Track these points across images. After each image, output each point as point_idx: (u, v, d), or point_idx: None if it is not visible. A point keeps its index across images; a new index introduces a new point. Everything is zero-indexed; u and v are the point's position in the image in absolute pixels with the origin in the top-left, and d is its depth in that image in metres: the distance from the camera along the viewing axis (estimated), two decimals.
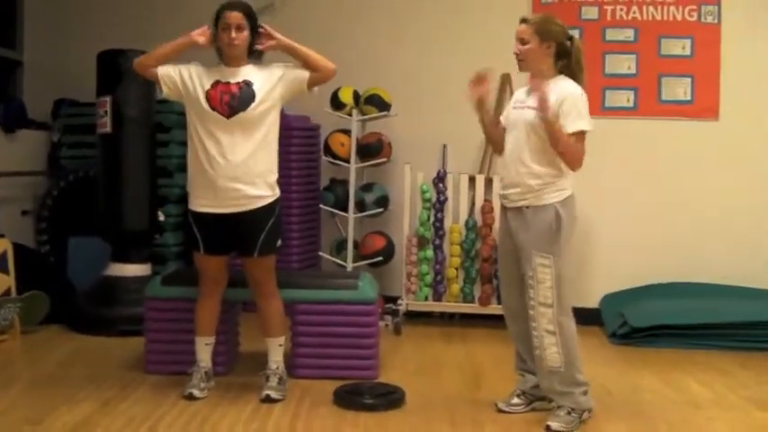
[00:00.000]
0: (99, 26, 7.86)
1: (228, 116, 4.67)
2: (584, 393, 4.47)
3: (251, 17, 4.75)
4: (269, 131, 4.81)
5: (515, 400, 4.76)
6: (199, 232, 4.86)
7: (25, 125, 7.55)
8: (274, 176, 4.87)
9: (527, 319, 4.50)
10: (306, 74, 4.82)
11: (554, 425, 4.39)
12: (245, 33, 4.72)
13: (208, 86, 4.73)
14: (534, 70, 4.49)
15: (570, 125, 4.27)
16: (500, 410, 4.73)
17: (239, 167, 4.67)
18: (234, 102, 4.68)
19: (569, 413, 4.42)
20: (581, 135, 4.32)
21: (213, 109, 4.68)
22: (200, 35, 4.77)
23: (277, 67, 4.85)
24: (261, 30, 4.82)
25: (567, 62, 4.46)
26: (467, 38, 7.41)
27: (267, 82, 4.77)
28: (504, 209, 4.65)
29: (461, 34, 7.42)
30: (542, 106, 4.23)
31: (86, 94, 7.11)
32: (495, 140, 4.94)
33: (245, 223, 4.78)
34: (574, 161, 4.33)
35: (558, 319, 4.37)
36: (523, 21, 4.50)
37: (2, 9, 8.01)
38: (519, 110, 4.53)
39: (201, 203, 4.81)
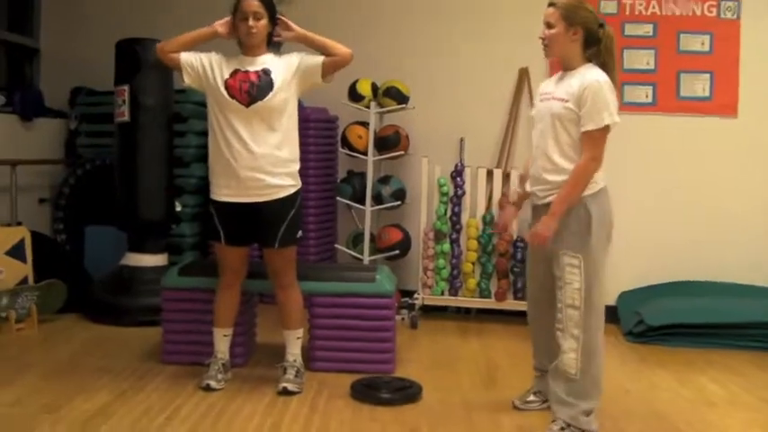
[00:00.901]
0: (116, 14, 7.87)
1: (247, 104, 4.67)
2: (587, 414, 4.21)
3: (269, 6, 4.75)
4: (289, 121, 4.82)
5: (531, 398, 4.72)
6: (220, 223, 4.85)
7: (42, 113, 7.57)
8: (296, 166, 4.88)
9: (549, 320, 4.34)
10: (320, 60, 4.81)
11: None
12: (264, 22, 4.72)
13: (227, 75, 4.73)
14: (560, 57, 4.29)
15: (590, 121, 4.05)
16: (515, 407, 4.70)
17: (262, 158, 4.68)
18: (253, 90, 4.68)
19: (563, 429, 4.23)
20: (602, 130, 4.07)
21: (232, 97, 4.68)
22: (222, 26, 4.78)
23: (294, 56, 4.85)
24: (279, 20, 4.83)
25: (596, 50, 4.23)
26: (485, 31, 7.39)
27: (284, 71, 4.78)
28: (533, 205, 4.45)
29: (480, 27, 7.40)
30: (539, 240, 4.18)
31: (104, 82, 7.12)
32: None
33: (267, 213, 4.78)
34: (589, 176, 4.13)
35: (585, 322, 4.14)
36: (551, 4, 4.26)
37: None
38: (545, 101, 4.32)
39: (224, 193, 4.81)
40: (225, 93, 4.69)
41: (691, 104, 7.18)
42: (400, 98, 7.06)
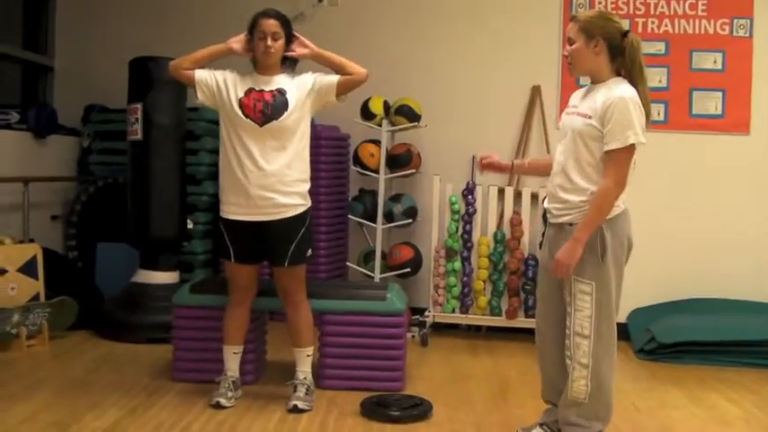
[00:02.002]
0: (130, 32, 7.91)
1: (262, 124, 4.68)
2: None
3: (286, 25, 4.77)
4: (301, 140, 4.82)
5: (537, 431, 4.43)
6: (230, 241, 4.86)
7: (55, 131, 7.58)
8: (307, 186, 4.88)
9: (556, 345, 4.20)
10: (335, 79, 4.83)
11: None
12: (281, 42, 4.73)
13: (241, 94, 4.74)
14: (587, 72, 4.08)
15: (614, 140, 3.83)
16: None
17: (272, 176, 4.69)
18: (267, 110, 4.69)
19: None
20: (626, 150, 3.85)
21: (246, 116, 4.69)
22: (237, 42, 4.80)
23: (308, 76, 4.86)
24: (294, 38, 4.84)
25: (622, 61, 4.00)
26: (498, 49, 7.42)
27: (299, 91, 4.79)
28: (548, 223, 4.27)
29: (492, 45, 7.42)
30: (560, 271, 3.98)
31: (117, 100, 7.16)
32: (536, 175, 4.78)
33: (276, 232, 4.78)
34: (612, 201, 3.92)
35: (594, 352, 3.98)
36: (572, 18, 4.09)
37: (33, 14, 8.07)
38: (570, 116, 4.12)
39: (233, 211, 4.81)
40: (239, 111, 4.71)
41: (703, 122, 7.18)
42: (412, 116, 7.07)
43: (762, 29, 7.09)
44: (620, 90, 3.90)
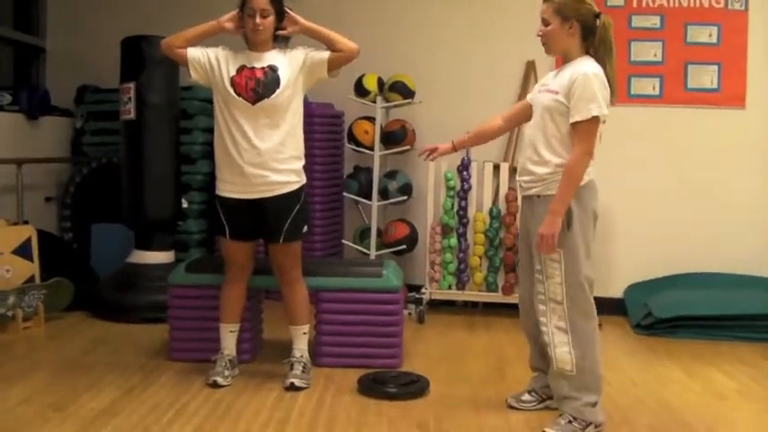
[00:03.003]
0: (122, 12, 7.87)
1: (254, 102, 4.66)
2: (592, 405, 4.17)
3: (276, 2, 4.72)
4: (294, 117, 4.80)
5: (526, 397, 4.58)
6: (225, 218, 4.85)
7: (48, 112, 7.55)
8: (301, 163, 4.86)
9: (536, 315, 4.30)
10: (326, 55, 4.79)
11: None
12: (271, 19, 4.69)
13: (233, 72, 4.72)
14: (560, 53, 4.27)
15: (578, 113, 4.00)
16: (510, 406, 4.59)
17: (266, 154, 4.67)
18: (259, 88, 4.67)
19: (570, 422, 4.17)
20: (591, 123, 4.00)
21: (238, 95, 4.67)
22: (229, 21, 4.76)
23: (299, 52, 4.83)
24: (285, 15, 4.80)
25: (592, 41, 4.17)
26: (492, 24, 7.38)
27: (291, 68, 4.76)
28: (521, 196, 4.43)
29: (486, 20, 7.38)
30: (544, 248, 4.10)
31: (109, 80, 7.13)
32: (484, 142, 4.94)
33: (271, 209, 4.77)
34: (581, 170, 4.05)
35: (570, 316, 4.12)
36: (545, 0, 4.23)
37: None
38: (540, 93, 4.29)
39: (228, 189, 4.81)
40: (231, 90, 4.69)
41: (698, 96, 7.15)
42: (406, 93, 7.05)
43: (757, 1, 7.05)
44: (585, 66, 4.08)
